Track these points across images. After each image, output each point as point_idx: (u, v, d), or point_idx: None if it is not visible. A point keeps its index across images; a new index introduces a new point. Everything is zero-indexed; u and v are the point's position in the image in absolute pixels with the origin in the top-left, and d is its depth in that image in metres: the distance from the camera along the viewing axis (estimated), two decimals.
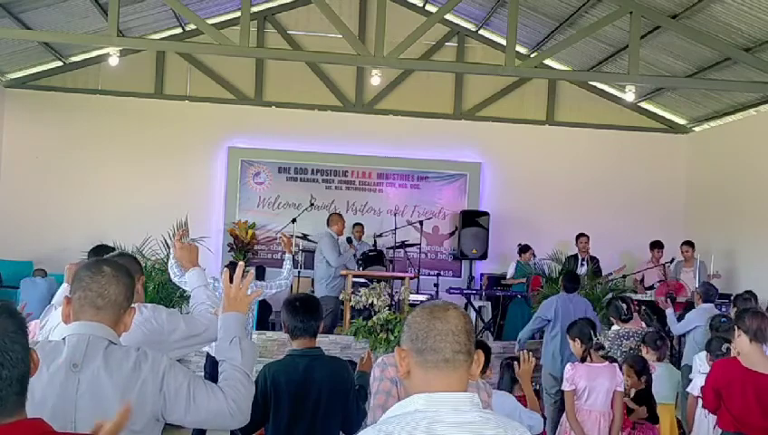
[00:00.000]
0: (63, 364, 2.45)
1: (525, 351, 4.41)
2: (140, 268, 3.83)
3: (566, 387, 5.53)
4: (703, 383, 5.62)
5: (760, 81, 10.04)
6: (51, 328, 3.35)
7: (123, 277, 2.65)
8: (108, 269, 2.64)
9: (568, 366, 5.64)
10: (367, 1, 12.80)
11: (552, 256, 11.50)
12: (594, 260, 11.39)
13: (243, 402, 2.61)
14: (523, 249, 11.68)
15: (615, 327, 7.01)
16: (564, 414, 5.62)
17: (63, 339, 2.53)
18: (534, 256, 11.67)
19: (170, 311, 3.36)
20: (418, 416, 1.89)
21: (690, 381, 6.12)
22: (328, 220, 10.34)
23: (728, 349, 5.53)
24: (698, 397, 5.65)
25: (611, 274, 11.18)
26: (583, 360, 5.59)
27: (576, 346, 5.67)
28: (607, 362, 5.59)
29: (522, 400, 5.65)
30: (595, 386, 5.45)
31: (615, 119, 13.40)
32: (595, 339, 5.59)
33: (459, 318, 2.02)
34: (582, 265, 11.27)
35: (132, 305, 2.71)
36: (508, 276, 11.75)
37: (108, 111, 12.58)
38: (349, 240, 10.59)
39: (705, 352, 6.05)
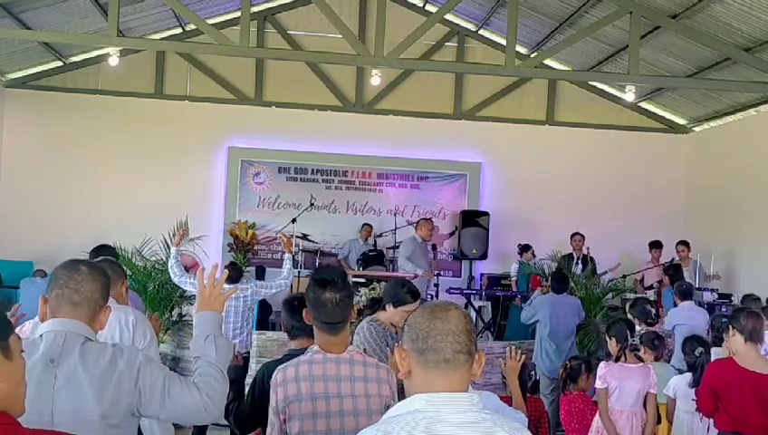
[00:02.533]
0: (40, 360, 2.49)
1: (513, 347, 4.40)
2: (123, 273, 3.90)
3: (598, 385, 5.52)
4: (677, 384, 5.61)
5: (760, 81, 10.04)
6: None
7: (99, 276, 2.70)
8: (84, 268, 2.69)
9: (602, 364, 5.63)
10: (367, 1, 12.80)
11: (551, 256, 11.50)
12: (589, 259, 11.34)
13: (217, 398, 2.66)
14: (524, 249, 11.70)
15: (637, 328, 6.94)
16: (597, 413, 5.60)
17: (40, 336, 2.57)
18: (534, 255, 11.68)
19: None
20: (418, 416, 1.89)
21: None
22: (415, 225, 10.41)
23: (702, 352, 5.51)
24: (674, 398, 5.63)
25: (606, 272, 11.17)
26: (617, 359, 5.57)
27: (612, 344, 5.65)
28: (641, 364, 5.57)
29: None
30: (625, 386, 5.44)
31: (615, 119, 13.40)
32: (631, 340, 5.57)
33: (460, 318, 2.02)
34: (577, 264, 11.25)
35: (108, 304, 2.74)
36: (512, 277, 11.75)
37: (108, 111, 12.58)
38: (434, 247, 10.32)
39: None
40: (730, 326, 4.63)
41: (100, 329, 2.72)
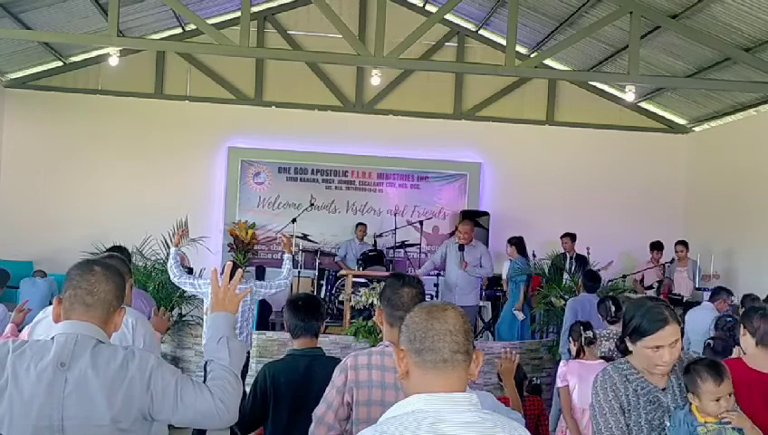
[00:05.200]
0: (51, 363, 2.46)
1: (508, 349, 4.40)
2: (129, 270, 3.84)
3: (559, 384, 5.55)
4: None
5: (760, 81, 10.04)
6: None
7: (113, 277, 2.67)
8: (98, 268, 2.65)
9: (562, 363, 5.67)
10: (367, 1, 12.80)
11: (551, 256, 11.50)
12: (581, 259, 11.30)
13: (230, 402, 2.62)
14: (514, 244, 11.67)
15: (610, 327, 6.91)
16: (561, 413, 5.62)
17: (52, 338, 2.54)
18: (531, 255, 11.63)
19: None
20: (419, 416, 1.89)
21: None
22: None
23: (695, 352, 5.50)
24: None
25: (599, 270, 11.12)
26: (577, 355, 5.60)
27: (572, 346, 5.71)
28: (601, 360, 5.59)
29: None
30: (585, 383, 5.43)
31: (615, 119, 13.41)
32: (584, 334, 5.60)
33: (457, 318, 2.02)
34: (572, 262, 11.21)
35: (123, 306, 2.72)
36: (504, 276, 11.71)
37: (108, 111, 12.59)
38: (461, 247, 9.83)
39: None
40: (742, 325, 4.58)
41: (115, 331, 2.69)
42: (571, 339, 5.71)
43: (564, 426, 5.54)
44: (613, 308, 6.85)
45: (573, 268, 10.80)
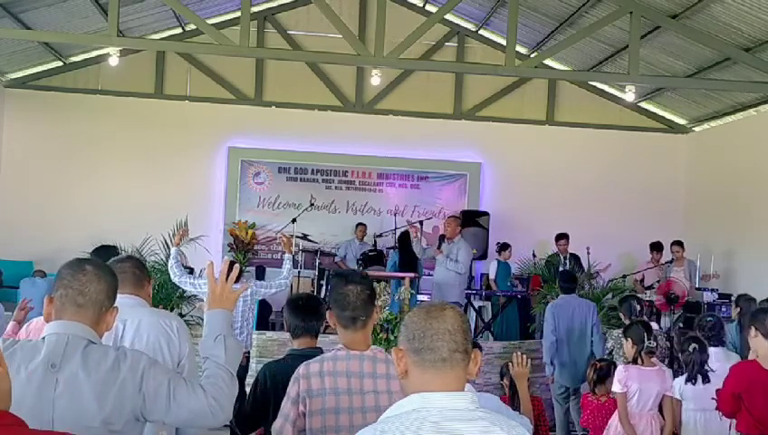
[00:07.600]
0: (41, 364, 2.42)
1: (519, 353, 4.38)
2: (148, 272, 3.79)
3: (618, 389, 5.48)
4: (682, 385, 5.59)
5: (760, 81, 10.04)
6: None
7: (105, 276, 2.62)
8: (90, 268, 2.61)
9: (620, 368, 5.61)
10: (367, 1, 12.80)
11: (550, 256, 11.51)
12: (575, 258, 11.32)
13: (224, 401, 2.59)
14: (503, 247, 11.71)
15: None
16: (617, 417, 5.57)
17: (43, 338, 2.50)
18: (531, 254, 11.64)
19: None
20: (418, 415, 1.89)
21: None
22: None
23: (695, 349, 5.47)
24: (680, 400, 5.59)
25: (598, 273, 11.15)
26: (634, 361, 5.56)
27: (628, 347, 5.63)
28: (658, 367, 5.57)
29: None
30: (645, 389, 5.42)
31: (615, 119, 13.41)
32: (647, 342, 5.54)
33: (456, 317, 2.02)
34: (565, 263, 11.24)
35: (114, 306, 2.67)
36: (491, 277, 11.72)
37: (108, 111, 12.59)
38: (441, 237, 10.01)
39: None
40: (753, 327, 4.55)
41: (107, 330, 2.66)
42: (630, 341, 5.62)
43: (621, 432, 5.50)
44: (638, 307, 6.88)
45: (571, 267, 10.83)
